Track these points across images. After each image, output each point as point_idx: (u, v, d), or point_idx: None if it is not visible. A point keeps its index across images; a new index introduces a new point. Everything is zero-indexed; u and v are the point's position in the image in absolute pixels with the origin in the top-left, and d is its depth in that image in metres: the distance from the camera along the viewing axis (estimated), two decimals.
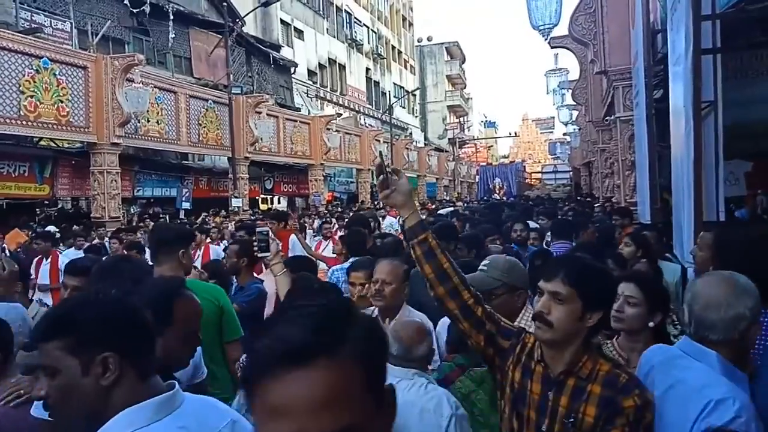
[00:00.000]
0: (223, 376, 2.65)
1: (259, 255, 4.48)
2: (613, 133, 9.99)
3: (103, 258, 3.53)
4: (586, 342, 1.60)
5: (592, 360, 1.58)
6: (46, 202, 14.18)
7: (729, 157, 5.95)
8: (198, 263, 6.17)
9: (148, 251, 4.58)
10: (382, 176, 1.76)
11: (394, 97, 36.06)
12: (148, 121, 12.97)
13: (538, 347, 1.65)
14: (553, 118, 48.27)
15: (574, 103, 19.35)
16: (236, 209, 14.48)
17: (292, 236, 6.79)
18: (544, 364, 1.62)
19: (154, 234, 2.87)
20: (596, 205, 11.75)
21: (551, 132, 64.23)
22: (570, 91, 19.39)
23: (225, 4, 17.06)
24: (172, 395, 1.19)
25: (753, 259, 1.94)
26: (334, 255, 5.75)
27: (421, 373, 1.95)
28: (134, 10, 15.32)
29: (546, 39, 12.13)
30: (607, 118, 10.96)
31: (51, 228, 10.18)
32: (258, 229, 5.34)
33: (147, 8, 15.42)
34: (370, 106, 33.53)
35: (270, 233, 5.50)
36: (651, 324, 2.09)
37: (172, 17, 16.21)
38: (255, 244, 4.96)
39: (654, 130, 6.03)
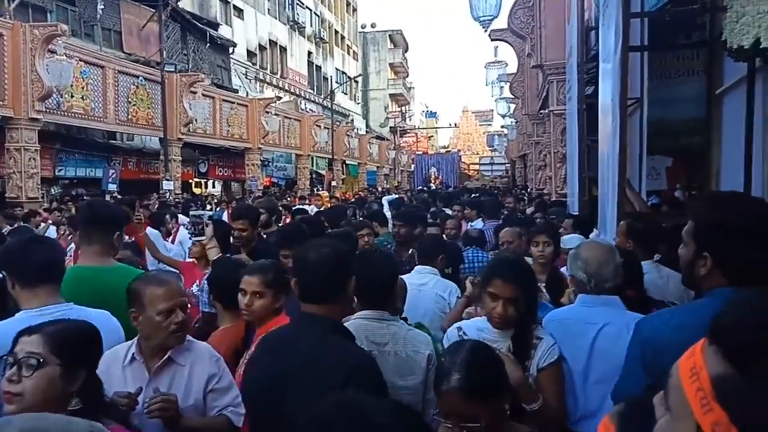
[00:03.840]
0: None
1: (193, 239, 4.28)
2: (546, 127, 10.32)
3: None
4: None
5: None
6: None
7: (652, 152, 6.28)
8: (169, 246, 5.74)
9: None
10: None
11: (336, 82, 35.68)
12: (72, 96, 12.19)
13: None
14: (492, 110, 49.38)
15: (512, 96, 19.84)
16: (167, 192, 13.91)
17: (148, 230, 5.16)
18: None
19: (89, 210, 2.54)
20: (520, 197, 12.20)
21: (490, 124, 65.66)
22: (508, 84, 19.84)
23: None
24: None
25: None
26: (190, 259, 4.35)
27: None
28: None
29: (486, 31, 12.31)
30: (542, 111, 11.30)
31: None
32: (192, 212, 5.08)
33: None
34: (312, 91, 33.03)
35: (205, 216, 5.18)
36: None
37: None
38: (188, 227, 4.71)
39: (584, 125, 6.24)
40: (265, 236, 4.19)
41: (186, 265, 4.22)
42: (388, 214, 6.07)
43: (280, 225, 5.34)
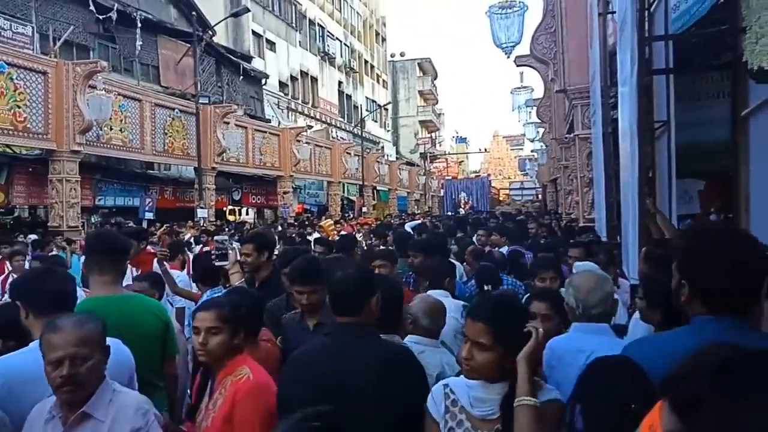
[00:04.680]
0: (161, 389, 2.59)
1: (217, 263, 4.37)
2: (572, 151, 10.20)
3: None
4: None
5: None
6: (2, 209, 13.71)
7: (682, 176, 6.12)
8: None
9: None
10: None
11: (366, 110, 36.19)
12: (111, 129, 12.71)
13: None
14: (524, 135, 49.08)
15: (540, 121, 19.76)
16: (201, 220, 14.23)
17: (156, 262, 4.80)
18: None
19: (99, 241, 2.55)
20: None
21: (521, 149, 65.24)
22: (535, 108, 19.78)
23: (194, 13, 16.93)
24: None
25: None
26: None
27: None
28: (100, 17, 15.05)
29: (508, 57, 12.39)
30: (567, 135, 11.18)
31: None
32: (216, 238, 5.20)
33: (114, 15, 15.17)
34: (342, 119, 33.56)
35: (228, 242, 5.25)
36: None
37: (139, 25, 15.98)
38: (212, 252, 4.82)
39: (611, 149, 6.16)
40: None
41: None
42: None
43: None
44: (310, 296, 2.68)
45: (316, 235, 9.70)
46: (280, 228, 12.96)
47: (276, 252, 4.24)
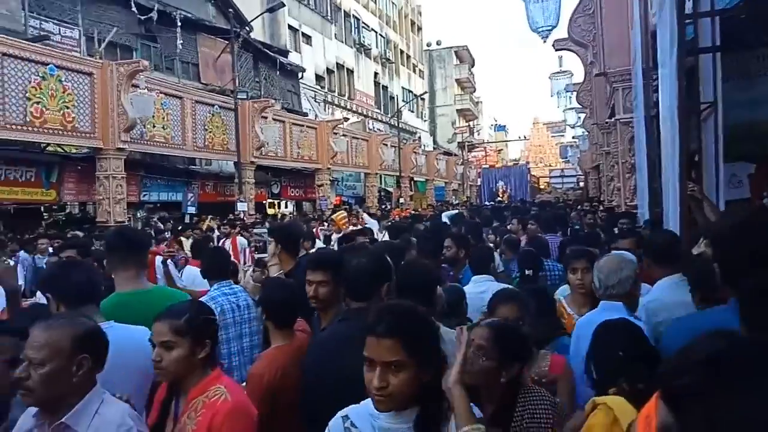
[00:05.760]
0: None
1: (256, 255, 4.47)
2: (614, 136, 9.89)
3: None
4: None
5: None
6: (54, 207, 14.34)
7: (733, 159, 5.83)
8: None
9: None
10: None
11: (403, 101, 36.05)
12: (154, 126, 13.08)
13: None
14: (564, 121, 47.88)
15: (580, 106, 19.25)
16: (241, 213, 14.52)
17: (158, 259, 4.66)
18: None
19: (122, 236, 2.59)
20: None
21: (562, 135, 63.82)
22: (575, 93, 19.28)
23: (231, 10, 17.20)
24: None
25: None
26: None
27: None
28: (142, 18, 15.49)
29: (545, 41, 12.05)
30: (608, 120, 10.84)
31: None
32: (255, 230, 5.32)
33: (154, 15, 15.58)
34: (379, 111, 33.56)
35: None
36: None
37: (179, 24, 16.36)
38: (252, 243, 4.92)
39: (654, 132, 5.94)
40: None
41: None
42: None
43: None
44: (319, 288, 2.44)
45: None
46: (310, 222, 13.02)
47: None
